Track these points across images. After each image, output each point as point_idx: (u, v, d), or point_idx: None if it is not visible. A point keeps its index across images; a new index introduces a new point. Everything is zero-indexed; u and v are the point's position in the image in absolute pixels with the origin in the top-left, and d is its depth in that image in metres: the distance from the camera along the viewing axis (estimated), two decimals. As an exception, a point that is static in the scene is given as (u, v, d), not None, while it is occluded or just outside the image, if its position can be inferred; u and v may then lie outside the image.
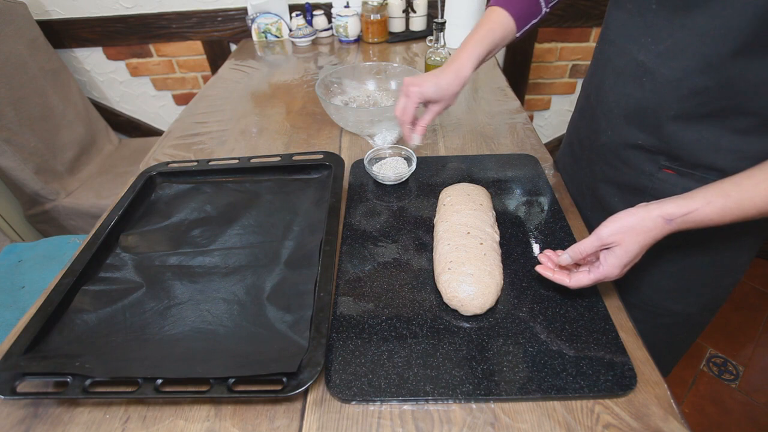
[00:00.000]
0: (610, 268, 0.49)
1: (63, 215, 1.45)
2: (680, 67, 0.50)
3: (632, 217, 0.47)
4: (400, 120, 0.67)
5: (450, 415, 0.45)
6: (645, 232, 0.47)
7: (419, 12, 1.44)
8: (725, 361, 1.37)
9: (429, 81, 0.64)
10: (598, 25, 1.60)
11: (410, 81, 0.65)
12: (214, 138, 0.97)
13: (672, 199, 0.46)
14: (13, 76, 1.33)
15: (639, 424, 0.44)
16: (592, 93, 0.66)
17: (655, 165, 0.58)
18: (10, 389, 0.46)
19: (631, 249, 0.47)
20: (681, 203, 0.45)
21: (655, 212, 0.46)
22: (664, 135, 0.55)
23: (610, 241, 0.48)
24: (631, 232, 0.47)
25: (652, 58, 0.53)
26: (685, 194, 0.46)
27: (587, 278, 0.50)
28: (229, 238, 0.66)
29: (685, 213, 0.45)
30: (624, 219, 0.47)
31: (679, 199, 0.46)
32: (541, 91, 1.81)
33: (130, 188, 0.76)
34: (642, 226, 0.46)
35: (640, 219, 0.47)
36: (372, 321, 0.54)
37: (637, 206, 0.48)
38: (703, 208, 0.45)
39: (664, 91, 0.52)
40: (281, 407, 0.47)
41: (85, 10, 1.56)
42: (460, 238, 0.58)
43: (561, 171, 0.80)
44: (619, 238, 0.47)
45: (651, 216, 0.46)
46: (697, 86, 0.49)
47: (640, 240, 0.47)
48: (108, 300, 0.58)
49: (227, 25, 1.60)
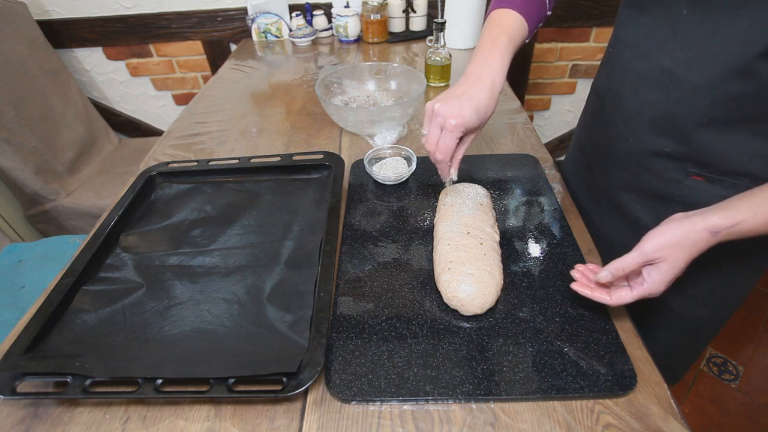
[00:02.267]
0: (655, 285, 0.46)
1: (63, 215, 1.45)
2: (711, 73, 0.48)
3: (677, 230, 0.45)
4: (438, 159, 0.56)
5: (450, 415, 0.45)
6: (691, 246, 0.44)
7: (419, 12, 1.44)
8: (725, 361, 1.37)
9: (467, 108, 0.53)
10: (598, 25, 1.60)
11: (445, 111, 0.53)
12: (214, 138, 0.97)
13: (716, 210, 0.44)
14: (13, 76, 1.33)
15: (639, 424, 0.44)
16: (608, 99, 0.64)
17: (683, 172, 0.56)
18: (10, 389, 0.46)
19: (677, 265, 0.45)
20: (727, 214, 0.43)
21: (701, 225, 0.44)
22: (693, 142, 0.53)
23: (655, 257, 0.45)
24: (677, 247, 0.44)
25: (679, 64, 0.51)
26: (727, 204, 0.44)
27: (630, 295, 0.47)
28: (229, 238, 0.66)
29: (732, 225, 0.43)
30: (668, 233, 0.45)
31: (724, 210, 0.44)
32: (541, 91, 1.81)
33: (130, 188, 0.76)
34: (688, 240, 0.44)
35: (685, 233, 0.44)
36: (372, 321, 0.54)
37: (678, 218, 0.46)
38: (750, 218, 0.43)
39: (693, 97, 0.51)
40: (281, 407, 0.47)
41: (85, 10, 1.56)
42: (460, 238, 0.58)
43: (569, 176, 0.79)
44: (665, 253, 0.45)
45: (696, 229, 0.44)
46: (733, 92, 0.48)
47: (686, 254, 0.45)
48: (108, 300, 0.58)
49: (227, 25, 1.60)
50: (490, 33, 0.58)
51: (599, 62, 0.76)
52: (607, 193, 0.70)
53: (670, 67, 0.52)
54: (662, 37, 0.53)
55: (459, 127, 0.53)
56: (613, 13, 0.63)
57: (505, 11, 0.59)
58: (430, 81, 1.11)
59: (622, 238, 0.69)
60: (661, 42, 0.53)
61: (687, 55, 0.50)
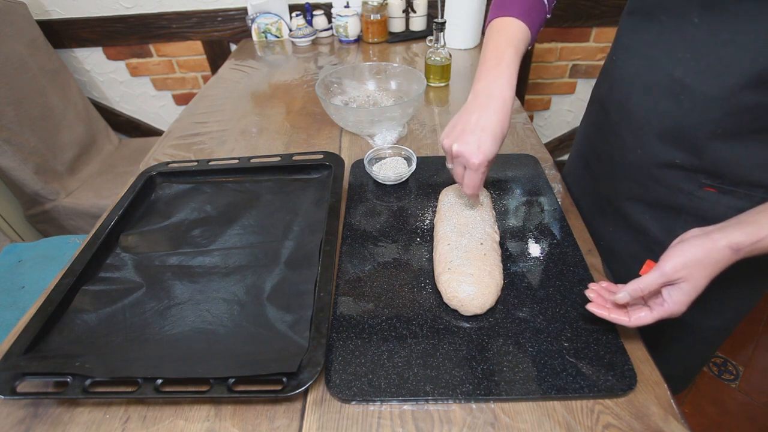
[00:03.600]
0: (676, 306, 0.44)
1: (63, 215, 1.45)
2: (725, 84, 0.47)
3: (697, 249, 0.43)
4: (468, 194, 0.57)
5: (450, 415, 0.45)
6: (713, 264, 0.43)
7: (419, 12, 1.44)
8: (725, 361, 1.36)
9: (485, 141, 0.52)
10: (598, 25, 1.60)
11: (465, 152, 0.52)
12: (214, 138, 0.97)
13: (736, 227, 0.43)
14: (13, 76, 1.33)
15: (639, 424, 0.44)
16: (612, 108, 0.63)
17: (695, 184, 0.55)
18: (10, 389, 0.46)
19: (699, 284, 0.43)
20: (749, 231, 0.42)
21: (722, 242, 0.42)
22: (705, 153, 0.52)
23: (676, 277, 0.43)
24: (698, 266, 0.43)
25: (691, 74, 0.50)
26: (747, 219, 0.43)
27: (650, 317, 0.46)
28: (229, 238, 0.66)
29: (755, 241, 0.42)
30: (689, 252, 0.43)
31: (745, 226, 0.42)
32: (541, 91, 1.81)
33: (130, 188, 0.76)
34: (709, 258, 0.42)
35: (707, 251, 0.42)
36: (372, 321, 0.54)
37: (697, 235, 0.44)
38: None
39: (705, 109, 0.50)
40: (281, 407, 0.47)
41: (85, 10, 1.56)
42: (460, 238, 0.58)
43: (571, 183, 0.78)
44: (686, 273, 0.43)
45: (717, 247, 0.42)
46: (746, 103, 0.47)
47: (707, 273, 0.43)
48: (108, 300, 0.58)
49: (227, 25, 1.60)
50: (495, 45, 0.56)
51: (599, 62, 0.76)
52: (612, 203, 0.68)
53: (681, 77, 0.51)
54: (672, 46, 0.51)
55: (483, 164, 0.53)
56: (614, 13, 0.63)
57: (506, 20, 0.57)
58: (430, 81, 1.11)
59: (627, 247, 0.68)
60: (670, 51, 0.52)
61: (699, 64, 0.49)
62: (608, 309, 0.48)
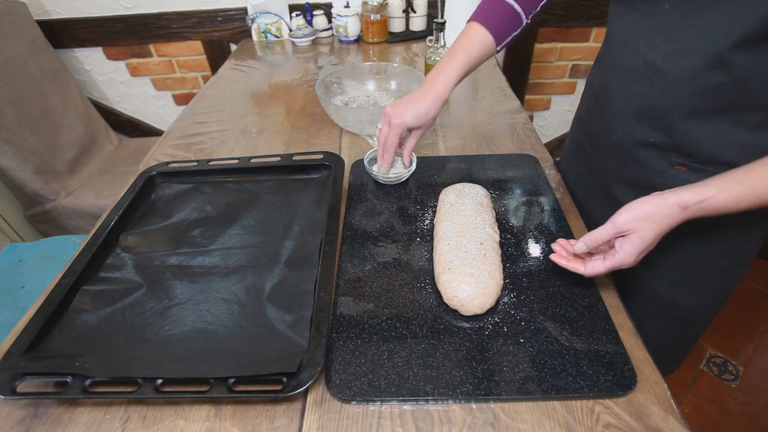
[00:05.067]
0: (625, 256, 0.49)
1: (63, 215, 1.45)
2: (691, 65, 0.50)
3: (648, 204, 0.48)
4: (383, 149, 0.70)
5: (450, 415, 0.45)
6: (661, 219, 0.47)
7: (419, 12, 1.44)
8: (725, 361, 1.36)
9: (409, 111, 0.66)
10: (598, 25, 1.60)
11: (391, 112, 0.67)
12: (214, 138, 0.97)
13: (687, 187, 0.47)
14: (13, 76, 1.33)
15: (639, 424, 0.44)
16: (599, 93, 0.67)
17: (667, 162, 0.58)
18: (10, 389, 0.46)
19: (647, 236, 0.48)
20: (696, 191, 0.46)
21: (671, 200, 0.47)
22: (676, 132, 0.55)
23: (626, 228, 0.48)
24: (648, 220, 0.47)
25: (662, 57, 0.53)
26: (700, 182, 0.47)
27: (603, 266, 0.51)
28: (229, 238, 0.66)
29: (701, 200, 0.46)
30: (640, 207, 0.48)
31: (695, 187, 0.47)
32: (541, 91, 1.81)
33: (130, 188, 0.76)
34: (658, 213, 0.47)
35: (656, 206, 0.47)
36: (372, 321, 0.54)
37: (652, 194, 0.48)
38: (719, 195, 0.45)
39: (675, 89, 0.53)
40: (281, 407, 0.47)
41: (85, 10, 1.56)
42: (460, 238, 0.58)
43: (566, 170, 0.80)
44: (635, 225, 0.48)
45: (667, 203, 0.47)
46: (710, 83, 0.50)
47: (656, 227, 0.47)
48: (108, 300, 0.58)
49: (227, 25, 1.60)
50: (453, 47, 0.68)
51: (597, 61, 0.77)
52: (601, 185, 0.71)
53: (654, 60, 0.54)
54: (647, 32, 0.55)
55: (399, 125, 0.67)
56: (613, 13, 0.64)
57: (473, 25, 0.67)
58: (430, 81, 1.11)
59: None
60: (646, 37, 0.55)
61: (668, 48, 0.52)
62: (568, 259, 0.54)
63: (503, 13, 0.65)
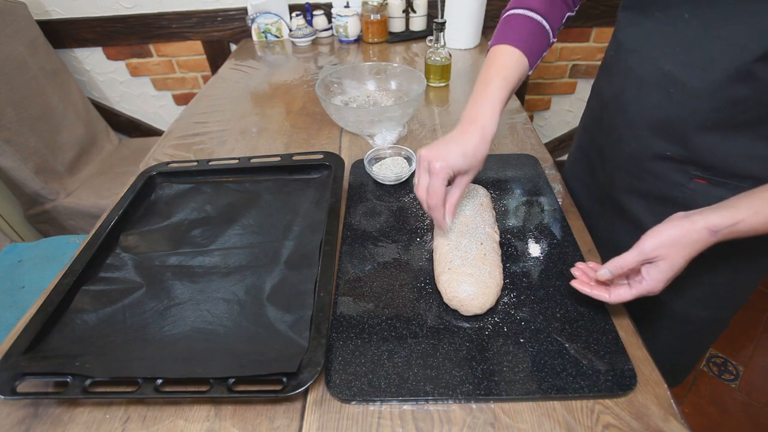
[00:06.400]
0: (654, 283, 0.46)
1: (63, 215, 1.45)
2: (713, 78, 0.48)
3: (676, 229, 0.45)
4: (430, 204, 0.55)
5: (450, 415, 0.45)
6: (690, 245, 0.44)
7: (419, 12, 1.44)
8: (725, 361, 1.37)
9: (454, 152, 0.53)
10: (598, 25, 1.60)
11: (430, 155, 0.53)
12: (214, 138, 0.97)
13: (715, 210, 0.44)
14: (13, 76, 1.33)
15: (639, 424, 0.44)
16: (610, 102, 0.64)
17: (686, 175, 0.57)
18: (10, 389, 0.46)
19: (676, 264, 0.45)
20: (726, 214, 0.44)
21: (700, 224, 0.44)
22: (695, 145, 0.54)
23: (654, 255, 0.45)
24: (676, 246, 0.45)
25: (680, 68, 0.51)
26: (727, 203, 0.45)
27: (629, 293, 0.48)
28: (229, 238, 0.66)
29: (731, 224, 0.43)
30: (668, 232, 0.45)
31: (723, 210, 0.44)
32: (541, 91, 1.81)
33: (130, 188, 0.76)
34: (687, 238, 0.44)
35: (685, 232, 0.44)
36: (372, 321, 0.54)
37: (678, 217, 0.46)
38: (750, 218, 0.43)
39: (695, 102, 0.51)
40: (281, 407, 0.47)
41: (85, 10, 1.56)
42: (460, 238, 0.58)
43: (571, 178, 0.79)
44: (663, 252, 0.45)
45: (696, 228, 0.44)
46: (734, 96, 0.48)
47: (685, 254, 0.45)
48: (108, 300, 0.58)
49: (227, 25, 1.60)
50: (485, 74, 0.58)
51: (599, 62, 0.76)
52: (610, 196, 0.70)
53: (671, 71, 0.52)
54: (664, 41, 0.53)
55: (444, 169, 0.53)
56: (613, 14, 0.63)
57: (503, 48, 0.58)
58: (430, 81, 1.11)
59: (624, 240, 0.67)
60: (662, 45, 0.53)
61: (688, 58, 0.50)
62: (591, 286, 0.51)
63: (532, 32, 0.58)
